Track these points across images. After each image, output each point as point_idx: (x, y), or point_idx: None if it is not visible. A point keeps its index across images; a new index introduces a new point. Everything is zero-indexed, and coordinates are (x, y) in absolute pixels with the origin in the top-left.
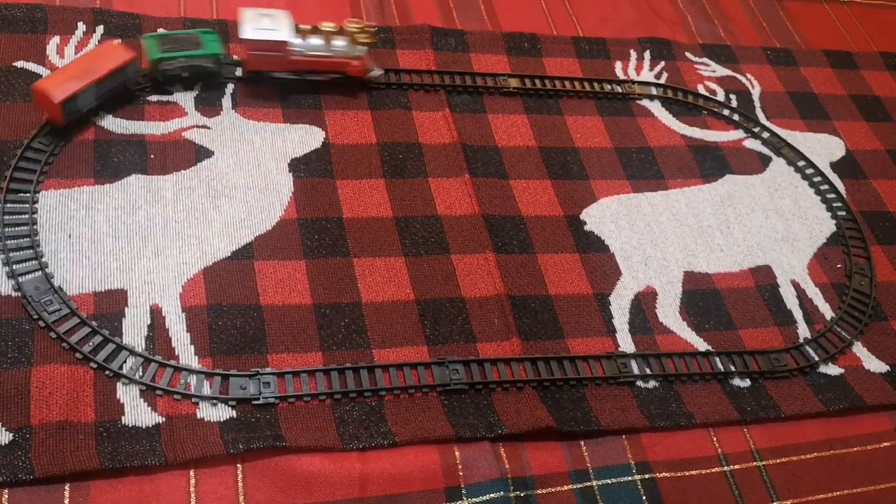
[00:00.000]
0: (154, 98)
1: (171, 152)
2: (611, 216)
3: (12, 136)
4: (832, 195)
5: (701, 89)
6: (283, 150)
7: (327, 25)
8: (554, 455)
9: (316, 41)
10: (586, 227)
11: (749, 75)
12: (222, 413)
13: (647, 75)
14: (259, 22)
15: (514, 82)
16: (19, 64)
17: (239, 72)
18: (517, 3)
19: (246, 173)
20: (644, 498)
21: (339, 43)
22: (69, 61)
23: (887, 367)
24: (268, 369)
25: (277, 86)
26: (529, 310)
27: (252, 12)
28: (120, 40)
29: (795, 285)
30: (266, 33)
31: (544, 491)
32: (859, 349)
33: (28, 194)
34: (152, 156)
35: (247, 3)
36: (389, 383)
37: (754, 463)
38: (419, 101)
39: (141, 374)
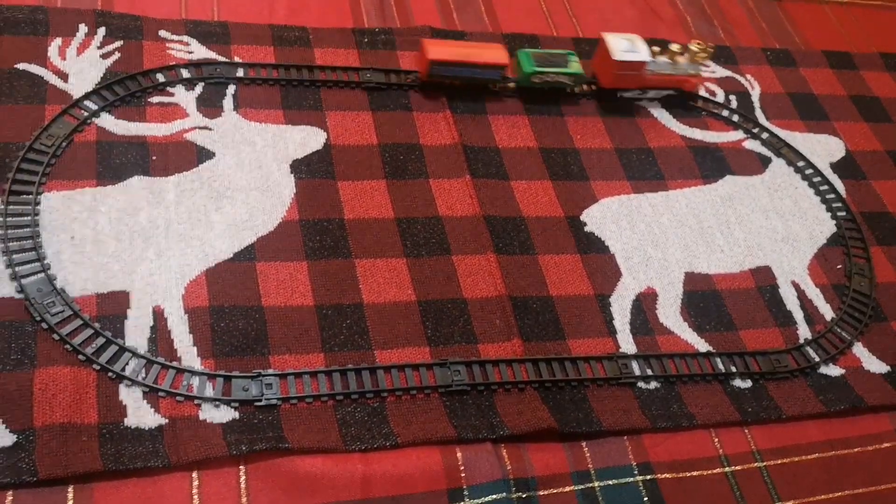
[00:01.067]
0: (156, 99)
1: (173, 154)
2: (611, 217)
3: (15, 137)
4: (832, 196)
5: (701, 90)
6: (285, 152)
7: (675, 46)
8: (556, 456)
9: (663, 60)
10: (587, 228)
11: (749, 76)
12: (225, 414)
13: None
14: (622, 45)
15: (513, 83)
16: (21, 66)
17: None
18: (517, 3)
19: (248, 175)
20: (646, 499)
21: (682, 62)
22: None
23: (887, 368)
24: (270, 371)
25: (279, 87)
26: (531, 311)
27: (614, 37)
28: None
29: (796, 286)
30: (632, 55)
31: (546, 492)
32: (859, 350)
33: (30, 196)
34: (154, 157)
35: (253, 9)
36: (391, 384)
37: (755, 464)
38: (420, 102)
39: (144, 375)
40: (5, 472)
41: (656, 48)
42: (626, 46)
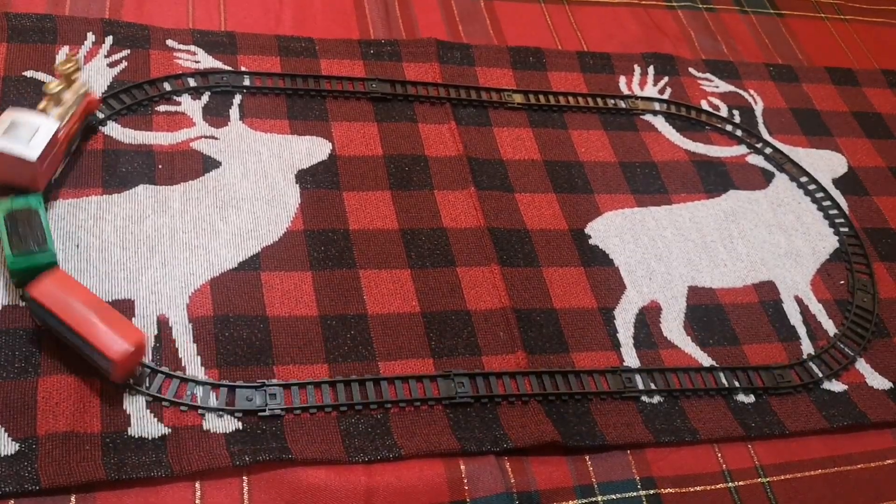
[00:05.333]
0: (162, 108)
1: (179, 163)
2: (615, 230)
3: None
4: (835, 211)
5: (704, 105)
6: (290, 162)
7: (50, 86)
8: (559, 470)
9: (53, 109)
10: (591, 241)
11: (752, 91)
12: (228, 425)
13: (650, 90)
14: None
15: (518, 98)
16: (29, 73)
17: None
18: (522, 17)
19: (253, 184)
20: None
21: (68, 94)
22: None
23: (890, 384)
24: (274, 381)
25: (284, 97)
26: (534, 323)
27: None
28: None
29: (799, 301)
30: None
31: None
32: (862, 366)
33: None
34: (160, 166)
35: (251, 13)
36: (395, 396)
37: (759, 479)
38: (425, 113)
39: (147, 384)
40: (8, 481)
41: (42, 104)
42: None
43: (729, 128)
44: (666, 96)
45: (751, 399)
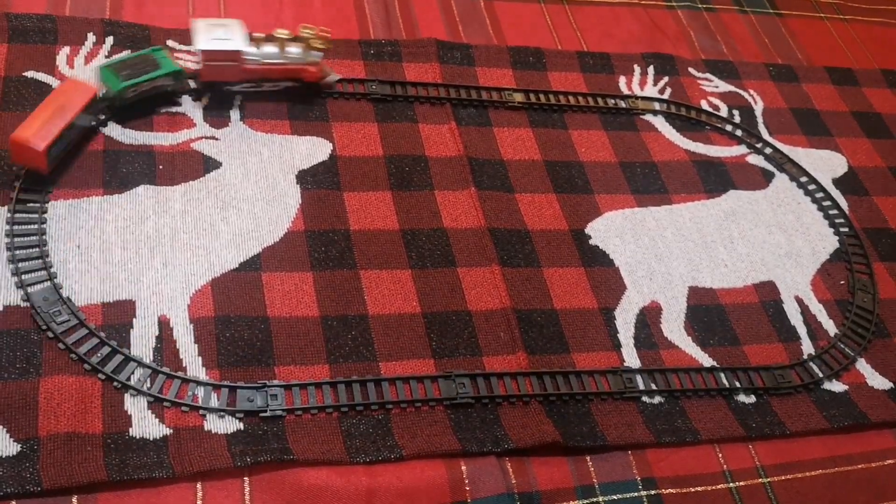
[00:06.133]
0: (163, 109)
1: (180, 163)
2: (615, 230)
3: None
4: (834, 211)
5: (704, 105)
6: (291, 162)
7: (281, 32)
8: (560, 470)
9: (270, 49)
10: (591, 242)
11: (752, 91)
12: (230, 425)
13: (650, 90)
14: (212, 32)
15: (519, 97)
16: (29, 74)
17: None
18: (522, 17)
19: (254, 185)
20: None
21: (294, 50)
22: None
23: (891, 385)
24: (275, 381)
25: (285, 97)
26: (535, 324)
27: (204, 23)
28: (81, 80)
29: (799, 301)
30: (220, 43)
31: None
32: (863, 366)
33: (37, 204)
34: (161, 166)
35: (252, 12)
36: (396, 396)
37: (759, 480)
38: (425, 113)
39: (149, 385)
40: (9, 482)
41: (260, 35)
42: (218, 34)
43: (729, 128)
44: (666, 96)
45: (751, 399)
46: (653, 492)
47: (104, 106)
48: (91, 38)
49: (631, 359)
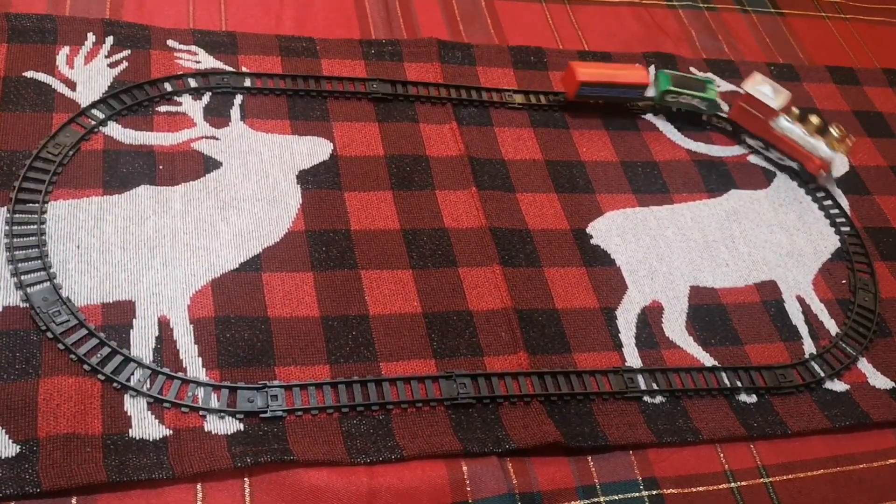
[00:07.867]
0: (163, 109)
1: (180, 163)
2: (617, 230)
3: (21, 146)
4: (836, 211)
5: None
6: (292, 162)
7: (814, 119)
8: (561, 470)
9: (796, 127)
10: (592, 241)
11: None
12: (230, 426)
13: (651, 90)
14: (761, 85)
15: (519, 97)
16: (29, 74)
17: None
18: (524, 17)
19: (254, 185)
20: None
21: (815, 140)
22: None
23: (892, 384)
24: (275, 382)
25: (285, 98)
26: (536, 323)
27: (762, 77)
28: (641, 65)
29: (800, 301)
30: (763, 96)
31: None
32: (864, 365)
33: (37, 205)
34: (161, 166)
35: (261, 19)
36: (397, 397)
37: (761, 479)
38: (426, 113)
39: (148, 386)
40: (9, 484)
41: (796, 111)
42: (766, 89)
43: (730, 127)
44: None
45: (753, 399)
46: (654, 492)
47: (645, 96)
48: (91, 38)
49: (632, 358)
